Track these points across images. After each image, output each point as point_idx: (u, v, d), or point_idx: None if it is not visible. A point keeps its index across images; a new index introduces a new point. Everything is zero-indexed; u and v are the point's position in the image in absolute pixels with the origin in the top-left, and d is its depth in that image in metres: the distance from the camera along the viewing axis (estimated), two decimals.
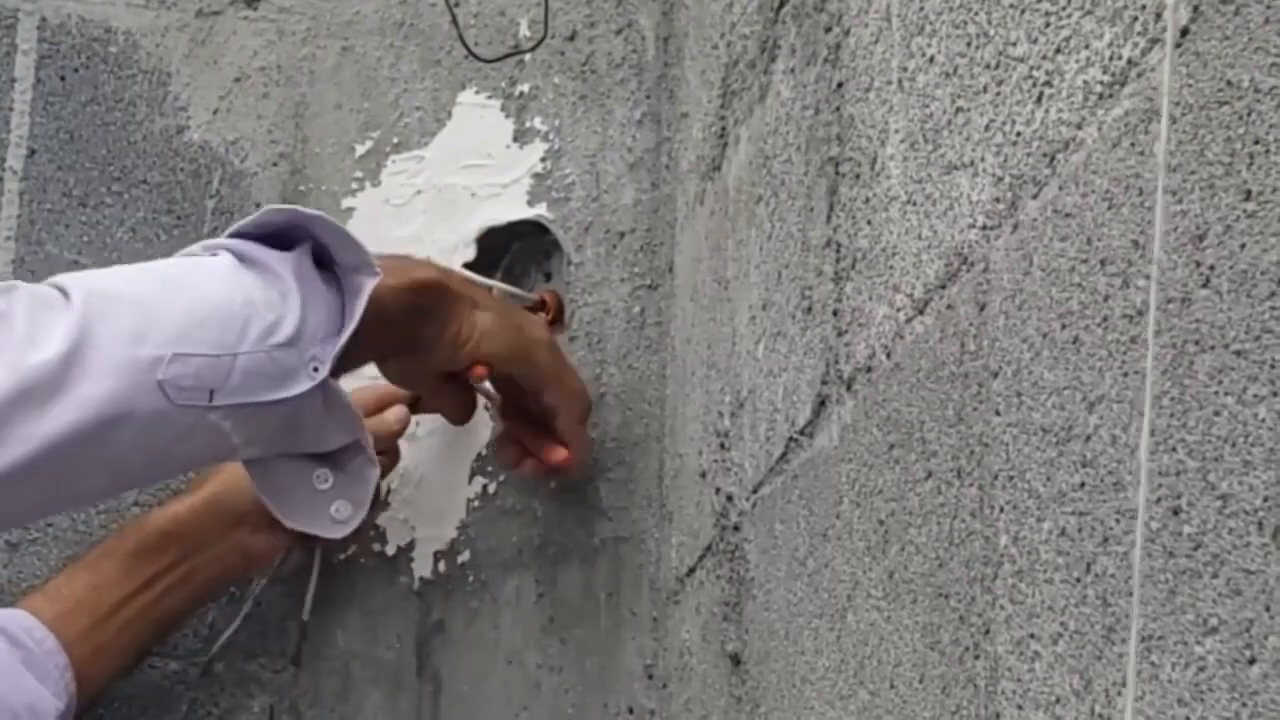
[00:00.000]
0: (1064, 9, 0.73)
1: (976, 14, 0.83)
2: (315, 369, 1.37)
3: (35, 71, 1.66)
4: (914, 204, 0.91)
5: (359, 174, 1.66)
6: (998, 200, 0.80)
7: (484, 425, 1.63)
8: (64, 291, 1.32)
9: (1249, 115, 0.57)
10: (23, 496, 1.31)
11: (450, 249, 1.64)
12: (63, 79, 1.66)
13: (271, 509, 1.44)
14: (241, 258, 1.38)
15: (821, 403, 1.07)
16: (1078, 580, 0.69)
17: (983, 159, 0.81)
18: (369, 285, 1.38)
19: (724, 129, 1.39)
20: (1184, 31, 0.62)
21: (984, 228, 0.81)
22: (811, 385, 1.09)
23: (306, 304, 1.37)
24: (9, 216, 1.64)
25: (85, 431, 1.29)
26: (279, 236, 1.40)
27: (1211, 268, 0.59)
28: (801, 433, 1.12)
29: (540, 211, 1.66)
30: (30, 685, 1.47)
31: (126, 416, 1.30)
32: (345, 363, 1.41)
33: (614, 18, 1.68)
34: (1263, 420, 0.56)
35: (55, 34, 1.67)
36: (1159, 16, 0.64)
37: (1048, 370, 0.73)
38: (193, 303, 1.34)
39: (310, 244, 1.40)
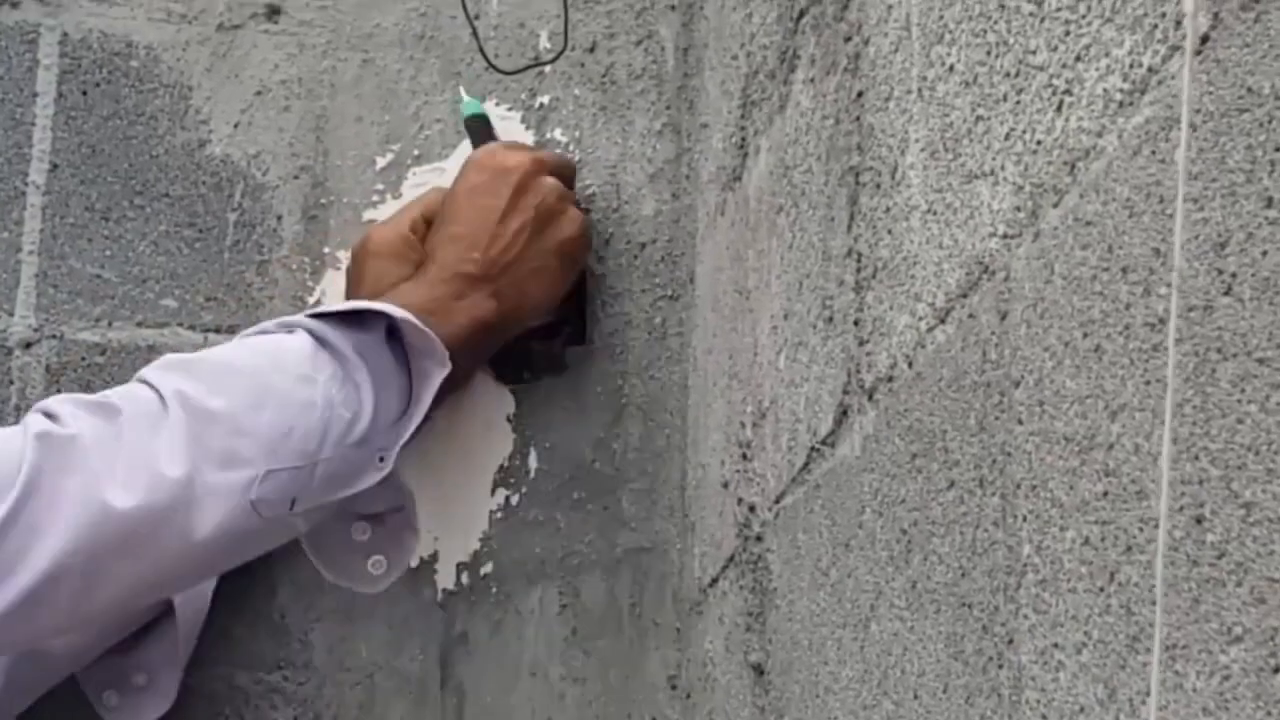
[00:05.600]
0: (1084, 17, 0.73)
1: (996, 22, 0.83)
2: (381, 459, 1.39)
3: (57, 86, 1.66)
4: (934, 213, 0.91)
5: (380, 186, 1.67)
6: (1018, 209, 0.80)
7: (505, 436, 1.63)
8: (160, 396, 1.34)
9: (1270, 122, 0.57)
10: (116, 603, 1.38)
11: None
12: (84, 94, 1.67)
13: (310, 556, 1.46)
14: (319, 340, 1.39)
15: (843, 412, 1.07)
16: (1101, 589, 0.69)
17: (1003, 168, 0.81)
18: (438, 376, 1.40)
19: (744, 139, 1.39)
20: (1204, 39, 0.62)
21: (1005, 236, 0.81)
22: (833, 395, 1.09)
23: (379, 395, 1.39)
24: (32, 231, 1.64)
25: (190, 560, 1.36)
26: (353, 314, 1.42)
27: (1233, 275, 0.59)
28: (823, 443, 1.11)
29: None
30: None
31: (222, 538, 1.34)
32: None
33: (634, 29, 1.68)
34: None
35: (77, 49, 1.67)
36: (1179, 24, 0.64)
37: (1069, 379, 0.73)
38: (278, 412, 1.36)
39: (384, 325, 1.41)
